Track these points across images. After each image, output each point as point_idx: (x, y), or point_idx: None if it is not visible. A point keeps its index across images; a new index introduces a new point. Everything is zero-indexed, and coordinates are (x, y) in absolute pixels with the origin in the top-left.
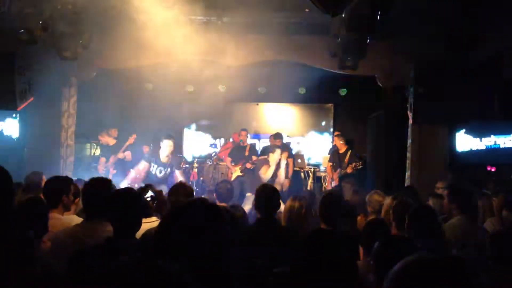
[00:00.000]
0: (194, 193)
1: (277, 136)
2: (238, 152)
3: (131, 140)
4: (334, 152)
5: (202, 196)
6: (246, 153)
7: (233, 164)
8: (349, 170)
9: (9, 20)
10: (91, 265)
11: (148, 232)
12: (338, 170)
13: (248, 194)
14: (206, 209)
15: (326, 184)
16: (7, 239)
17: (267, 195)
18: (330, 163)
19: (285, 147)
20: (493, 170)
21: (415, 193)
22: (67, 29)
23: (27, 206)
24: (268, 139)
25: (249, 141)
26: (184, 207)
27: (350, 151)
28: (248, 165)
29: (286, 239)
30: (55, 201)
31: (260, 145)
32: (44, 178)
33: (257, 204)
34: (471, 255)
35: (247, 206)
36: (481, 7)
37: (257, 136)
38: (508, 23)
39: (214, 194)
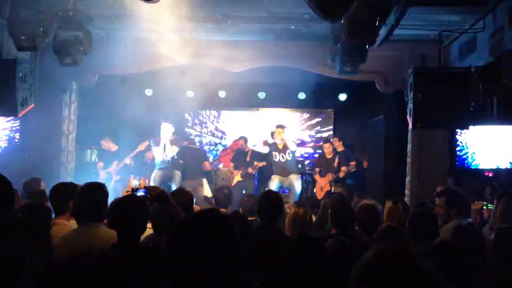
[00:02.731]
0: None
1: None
2: (240, 158)
3: (142, 146)
4: (320, 157)
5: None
6: (248, 159)
7: (234, 169)
8: (341, 174)
9: (10, 27)
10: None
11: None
12: (329, 175)
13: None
14: (217, 220)
15: (315, 189)
16: (6, 247)
17: (271, 201)
18: (317, 169)
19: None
20: (490, 175)
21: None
22: (68, 36)
23: (27, 213)
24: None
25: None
26: (195, 218)
27: (338, 155)
28: (250, 170)
29: (288, 246)
30: (62, 207)
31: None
32: (43, 184)
33: (259, 209)
34: None
35: None
36: (480, 12)
37: None
38: (506, 28)
39: (213, 199)
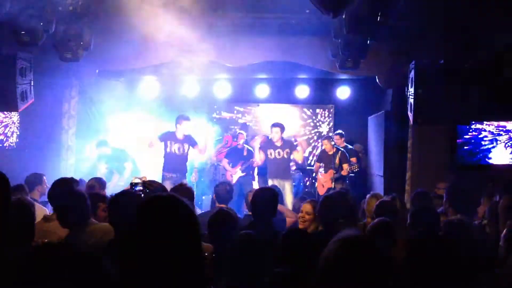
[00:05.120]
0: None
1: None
2: (236, 154)
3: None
4: (321, 153)
5: (203, 197)
6: (244, 153)
7: (230, 165)
8: (344, 173)
9: (11, 22)
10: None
11: None
12: (330, 171)
13: None
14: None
15: (317, 185)
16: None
17: (265, 199)
18: (318, 164)
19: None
20: (492, 171)
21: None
22: (68, 31)
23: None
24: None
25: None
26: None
27: (340, 151)
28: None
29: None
30: None
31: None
32: (45, 180)
33: (252, 207)
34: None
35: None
36: (481, 7)
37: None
38: (508, 23)
39: (214, 195)
